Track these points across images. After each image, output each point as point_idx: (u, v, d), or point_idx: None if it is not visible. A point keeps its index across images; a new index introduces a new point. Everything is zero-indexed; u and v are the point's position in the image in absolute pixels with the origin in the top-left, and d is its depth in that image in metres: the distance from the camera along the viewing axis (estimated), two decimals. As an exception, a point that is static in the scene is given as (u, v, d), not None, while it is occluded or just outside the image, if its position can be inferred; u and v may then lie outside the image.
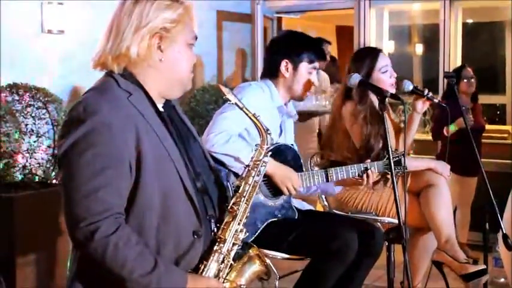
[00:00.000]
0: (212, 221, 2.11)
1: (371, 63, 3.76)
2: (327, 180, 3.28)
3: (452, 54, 6.20)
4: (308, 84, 3.36)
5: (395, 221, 3.29)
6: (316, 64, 3.37)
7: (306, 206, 3.47)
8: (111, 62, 2.03)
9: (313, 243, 3.10)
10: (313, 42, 3.44)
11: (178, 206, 2.01)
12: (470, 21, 7.38)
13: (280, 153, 3.22)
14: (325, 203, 4.00)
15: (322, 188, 3.47)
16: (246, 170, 2.17)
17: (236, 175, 3.07)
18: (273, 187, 3.21)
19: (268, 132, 2.19)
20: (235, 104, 2.16)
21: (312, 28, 7.40)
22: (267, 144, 2.18)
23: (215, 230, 2.10)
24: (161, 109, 2.12)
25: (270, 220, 3.18)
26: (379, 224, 3.76)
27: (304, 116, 5.89)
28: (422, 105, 3.72)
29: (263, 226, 3.15)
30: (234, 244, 2.08)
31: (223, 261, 2.06)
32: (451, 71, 5.77)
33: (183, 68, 2.12)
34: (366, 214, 3.84)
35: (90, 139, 1.90)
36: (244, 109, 2.16)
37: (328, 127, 3.96)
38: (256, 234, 3.12)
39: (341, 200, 3.86)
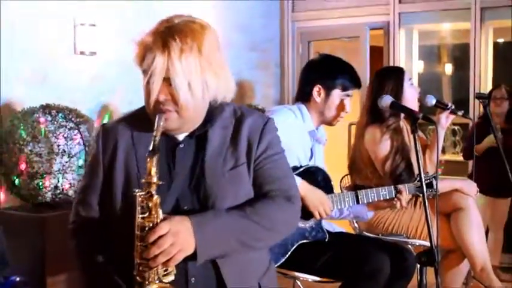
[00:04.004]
0: None
1: (400, 77, 3.76)
2: (358, 202, 3.26)
3: (483, 74, 6.15)
4: (340, 111, 3.33)
5: (426, 243, 3.28)
6: (350, 92, 3.33)
7: (336, 228, 3.45)
8: None
9: (344, 266, 3.07)
10: (349, 69, 3.38)
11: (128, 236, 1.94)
12: (501, 40, 7.33)
13: (311, 175, 3.21)
14: (355, 225, 3.97)
15: (355, 213, 3.44)
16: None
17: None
18: (303, 208, 3.19)
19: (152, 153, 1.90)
20: None
21: (341, 48, 7.40)
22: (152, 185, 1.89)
23: None
24: (180, 138, 2.08)
25: (301, 242, 3.17)
26: (409, 246, 3.73)
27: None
28: (446, 119, 3.69)
29: (293, 248, 3.14)
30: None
31: None
32: (482, 91, 5.75)
33: (145, 100, 2.04)
34: (397, 236, 3.81)
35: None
36: None
37: (352, 149, 3.93)
38: (287, 255, 3.12)
39: (371, 222, 3.83)
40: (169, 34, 1.95)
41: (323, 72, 3.34)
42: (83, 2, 5.05)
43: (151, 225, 1.88)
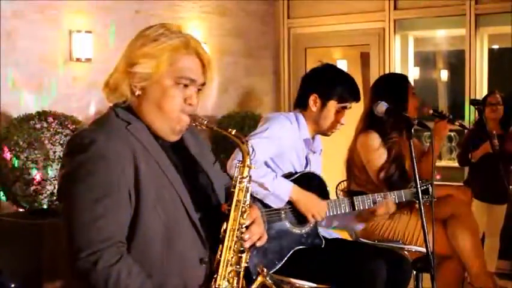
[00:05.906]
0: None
1: (405, 85, 3.78)
2: (353, 209, 3.26)
3: (478, 81, 6.17)
4: (335, 123, 3.27)
5: (423, 249, 3.29)
6: (347, 104, 3.26)
7: (332, 235, 3.45)
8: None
9: (340, 273, 3.06)
10: (348, 81, 3.30)
11: (183, 234, 1.98)
12: (496, 47, 7.36)
13: (306, 181, 3.22)
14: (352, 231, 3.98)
15: (343, 225, 3.50)
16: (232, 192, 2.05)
17: (261, 202, 3.08)
18: (298, 214, 3.20)
19: (247, 142, 2.05)
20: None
21: (336, 54, 7.42)
22: (248, 156, 2.03)
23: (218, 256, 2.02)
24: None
25: (296, 248, 3.17)
26: (406, 252, 3.73)
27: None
28: (443, 129, 3.71)
29: (289, 254, 3.14)
30: (234, 271, 2.01)
31: None
32: (477, 97, 5.76)
33: (164, 108, 2.00)
34: (393, 242, 3.81)
35: (85, 169, 1.89)
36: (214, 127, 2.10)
37: (347, 154, 3.93)
38: (283, 261, 3.12)
39: (367, 228, 3.83)
40: (200, 45, 2.06)
41: (321, 82, 3.29)
42: (79, 9, 5.05)
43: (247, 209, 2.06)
